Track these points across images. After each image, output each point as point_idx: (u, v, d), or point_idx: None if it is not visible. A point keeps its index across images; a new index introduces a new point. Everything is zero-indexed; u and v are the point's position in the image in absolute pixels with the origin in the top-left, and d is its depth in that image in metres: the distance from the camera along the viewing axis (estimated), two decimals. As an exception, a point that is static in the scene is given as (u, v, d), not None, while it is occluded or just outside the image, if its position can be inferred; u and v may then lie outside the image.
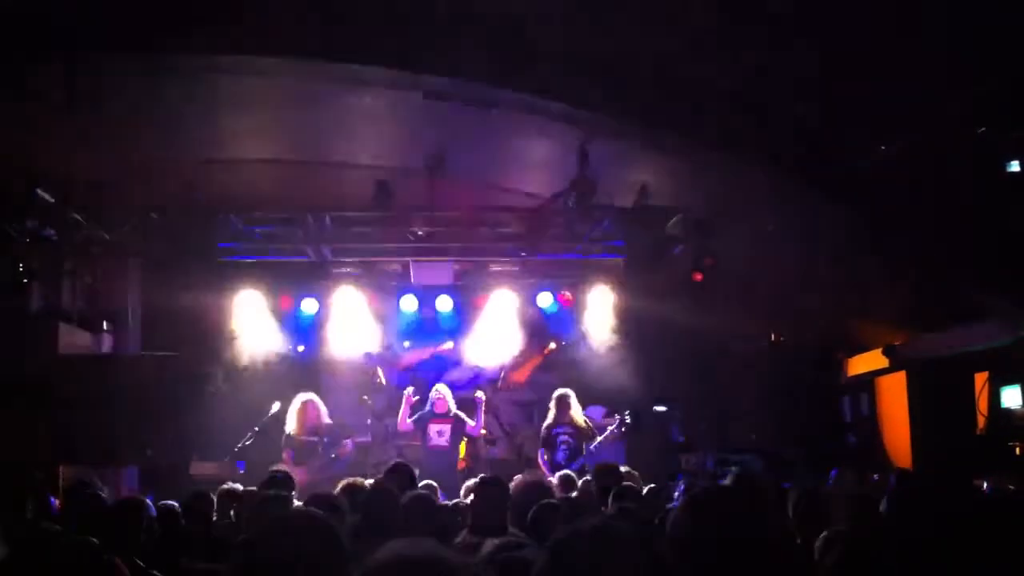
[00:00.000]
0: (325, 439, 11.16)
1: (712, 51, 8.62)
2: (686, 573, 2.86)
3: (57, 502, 7.35)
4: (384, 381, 13.94)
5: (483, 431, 12.66)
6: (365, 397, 13.64)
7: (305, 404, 11.32)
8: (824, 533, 4.96)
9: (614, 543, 2.62)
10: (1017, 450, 11.60)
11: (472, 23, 8.24)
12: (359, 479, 7.11)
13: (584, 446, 11.19)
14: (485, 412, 13.21)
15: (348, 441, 11.39)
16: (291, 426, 11.28)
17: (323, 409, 11.46)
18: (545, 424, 11.46)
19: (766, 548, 2.77)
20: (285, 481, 7.38)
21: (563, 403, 11.34)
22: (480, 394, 12.45)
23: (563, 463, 10.86)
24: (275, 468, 10.29)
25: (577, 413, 11.48)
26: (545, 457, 11.21)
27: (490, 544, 4.29)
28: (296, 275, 13.36)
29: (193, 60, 8.53)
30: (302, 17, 8.10)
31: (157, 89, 9.00)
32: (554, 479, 9.10)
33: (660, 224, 12.00)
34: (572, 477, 8.51)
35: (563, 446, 11.10)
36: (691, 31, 8.46)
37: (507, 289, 13.58)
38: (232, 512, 7.58)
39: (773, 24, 8.25)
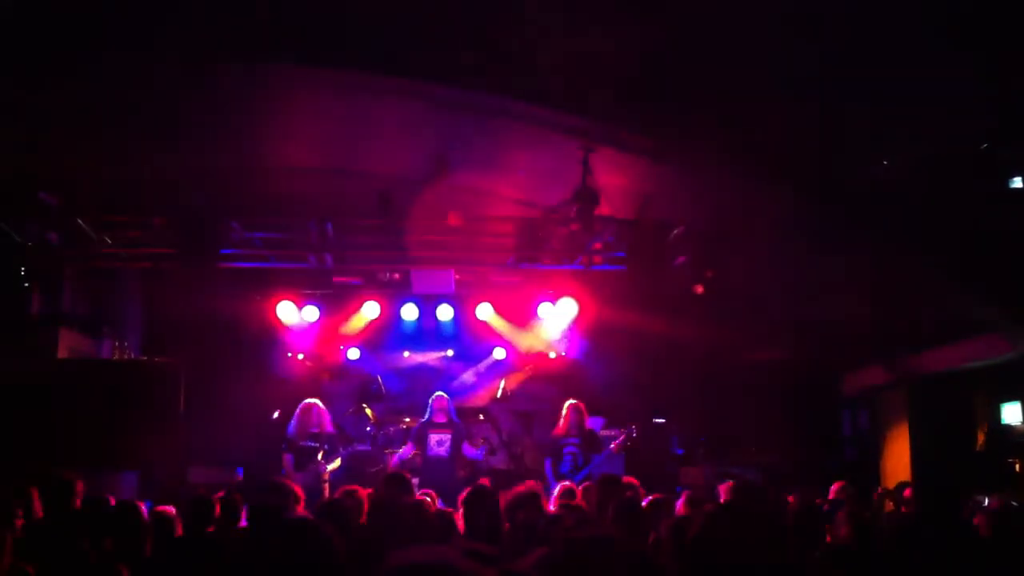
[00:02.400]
0: (325, 446, 11.14)
1: (711, 61, 8.62)
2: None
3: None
4: (384, 389, 13.95)
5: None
6: (364, 405, 13.64)
7: (308, 408, 11.31)
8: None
9: (611, 552, 2.62)
10: (1017, 466, 11.60)
11: (473, 30, 8.24)
12: (357, 487, 7.09)
13: (591, 457, 11.15)
14: (484, 420, 13.23)
15: (327, 464, 11.26)
16: (293, 429, 11.29)
17: (326, 415, 11.44)
18: (553, 434, 11.42)
19: (763, 561, 2.77)
20: (284, 489, 7.35)
21: (573, 414, 11.28)
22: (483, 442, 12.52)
23: (567, 474, 10.83)
24: (276, 475, 10.35)
25: (585, 425, 11.44)
26: (551, 467, 11.17)
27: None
28: (297, 282, 13.37)
29: (199, 68, 8.54)
30: (306, 25, 8.11)
31: (159, 94, 9.01)
32: (556, 490, 9.05)
33: (662, 236, 11.99)
34: (573, 489, 8.47)
35: (568, 456, 11.06)
36: (692, 40, 8.47)
37: (507, 298, 13.61)
38: (230, 519, 7.55)
39: (775, 34, 8.26)
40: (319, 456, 11.06)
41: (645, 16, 8.09)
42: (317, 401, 11.51)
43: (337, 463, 11.28)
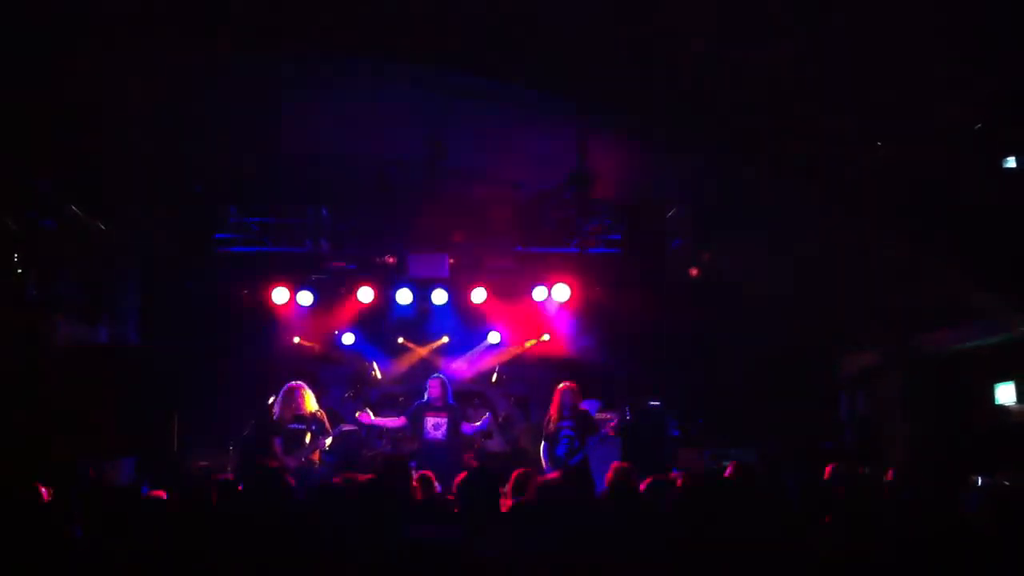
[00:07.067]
0: (313, 427, 11.06)
1: (710, 50, 8.61)
2: (685, 564, 2.88)
3: (45, 491, 7.31)
4: (379, 375, 13.97)
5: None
6: (347, 395, 13.73)
7: (291, 391, 11.20)
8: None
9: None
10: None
11: (468, 14, 8.23)
12: (354, 471, 7.11)
13: (587, 440, 11.15)
14: (480, 405, 13.25)
15: (326, 439, 11.19)
16: (278, 413, 11.18)
17: (311, 396, 11.29)
18: (547, 417, 11.42)
19: (763, 539, 2.79)
20: (277, 474, 7.36)
21: (567, 397, 11.27)
22: (487, 415, 12.56)
23: (563, 457, 10.84)
24: (265, 459, 10.35)
25: (580, 408, 11.44)
26: (547, 450, 11.17)
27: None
28: (293, 266, 13.36)
29: (196, 53, 8.52)
30: (303, 10, 8.09)
31: (156, 79, 8.99)
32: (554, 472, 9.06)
33: (658, 219, 12.00)
34: (572, 471, 8.51)
35: (564, 440, 11.05)
36: (691, 31, 8.46)
37: (503, 282, 13.62)
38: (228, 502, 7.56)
39: (772, 23, 8.25)
40: (307, 439, 11.01)
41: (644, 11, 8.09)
42: (300, 383, 11.39)
43: (329, 441, 11.22)
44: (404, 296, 13.73)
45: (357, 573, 3.70)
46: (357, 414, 11.82)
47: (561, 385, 11.37)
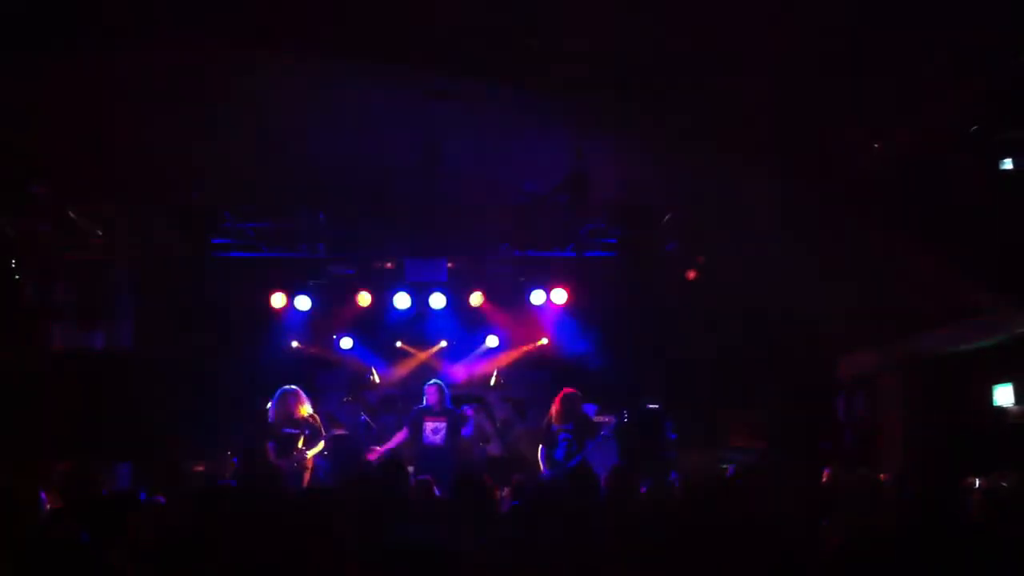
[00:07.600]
0: (306, 431, 11.06)
1: (702, 44, 8.61)
2: (687, 561, 2.87)
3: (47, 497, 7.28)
4: (377, 379, 13.97)
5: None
6: (346, 399, 13.72)
7: (285, 395, 11.20)
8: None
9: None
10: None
11: (470, 18, 8.21)
12: (352, 475, 7.11)
13: (585, 443, 11.14)
14: (478, 411, 13.25)
15: (308, 450, 11.13)
16: (272, 417, 11.18)
17: (305, 401, 11.28)
18: (546, 421, 11.41)
19: (765, 536, 2.78)
20: (272, 478, 7.36)
21: (570, 403, 11.23)
22: (467, 410, 12.58)
23: (561, 460, 10.85)
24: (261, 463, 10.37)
25: (581, 414, 11.42)
26: (544, 454, 11.17)
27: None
28: (290, 271, 13.36)
29: (192, 56, 8.50)
30: (299, 13, 8.07)
31: (152, 83, 8.97)
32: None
33: (653, 222, 11.99)
34: (574, 474, 8.49)
35: (563, 443, 11.05)
36: (688, 30, 8.45)
37: (501, 286, 13.63)
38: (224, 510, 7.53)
39: (768, 21, 8.24)
40: (300, 443, 11.01)
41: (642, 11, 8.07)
42: (294, 387, 11.38)
43: (319, 447, 11.21)
44: (402, 300, 13.73)
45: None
46: (366, 454, 11.90)
47: (566, 391, 11.35)
